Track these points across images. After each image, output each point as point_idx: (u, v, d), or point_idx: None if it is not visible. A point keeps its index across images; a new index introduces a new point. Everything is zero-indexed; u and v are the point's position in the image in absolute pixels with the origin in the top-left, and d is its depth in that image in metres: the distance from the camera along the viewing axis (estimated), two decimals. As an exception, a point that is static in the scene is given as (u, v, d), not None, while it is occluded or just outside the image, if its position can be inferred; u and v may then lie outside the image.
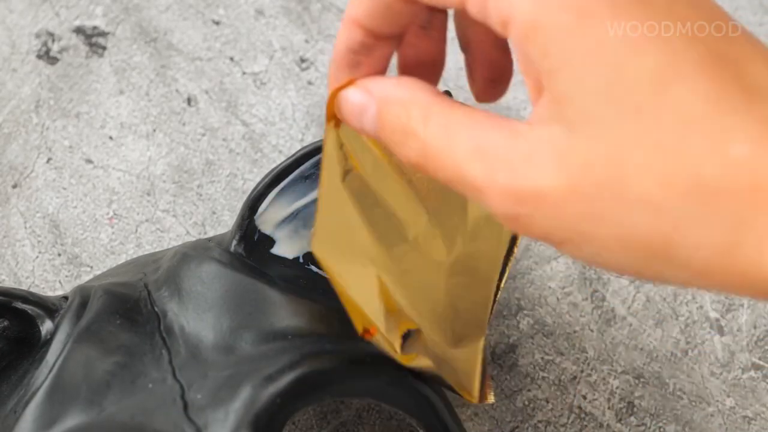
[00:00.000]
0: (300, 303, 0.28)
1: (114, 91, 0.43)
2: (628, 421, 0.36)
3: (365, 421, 0.35)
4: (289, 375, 0.25)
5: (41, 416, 0.25)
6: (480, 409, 0.36)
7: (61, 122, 0.42)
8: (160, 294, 0.29)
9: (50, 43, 0.44)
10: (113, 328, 0.28)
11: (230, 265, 0.29)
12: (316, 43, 0.44)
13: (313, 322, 0.27)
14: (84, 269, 0.39)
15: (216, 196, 0.41)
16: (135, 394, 0.26)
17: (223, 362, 0.26)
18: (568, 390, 0.37)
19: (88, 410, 0.25)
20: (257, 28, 0.45)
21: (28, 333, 0.29)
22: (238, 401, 0.24)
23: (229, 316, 0.27)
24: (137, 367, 0.26)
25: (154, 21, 0.45)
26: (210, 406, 0.24)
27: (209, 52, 0.44)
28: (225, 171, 0.41)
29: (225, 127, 0.42)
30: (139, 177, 0.41)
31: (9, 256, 0.39)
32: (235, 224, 0.30)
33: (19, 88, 0.43)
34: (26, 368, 0.28)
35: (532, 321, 0.38)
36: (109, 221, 0.40)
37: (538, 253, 0.40)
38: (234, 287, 0.28)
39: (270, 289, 0.28)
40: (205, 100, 0.43)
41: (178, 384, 0.26)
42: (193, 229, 0.40)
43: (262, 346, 0.26)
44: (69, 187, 0.41)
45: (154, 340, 0.27)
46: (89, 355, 0.27)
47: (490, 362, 0.37)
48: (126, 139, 0.42)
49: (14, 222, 0.40)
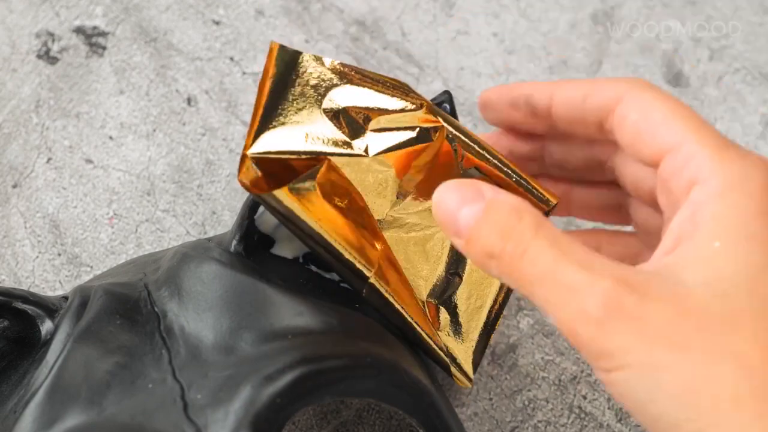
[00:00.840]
0: (300, 303, 0.28)
1: (114, 91, 0.43)
2: (628, 421, 0.36)
3: (365, 421, 0.35)
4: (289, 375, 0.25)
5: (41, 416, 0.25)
6: (480, 409, 0.36)
7: (61, 122, 0.42)
8: (160, 294, 0.29)
9: (50, 43, 0.44)
10: (113, 328, 0.28)
11: (230, 265, 0.29)
12: (316, 43, 0.44)
13: (313, 322, 0.27)
14: (84, 269, 0.39)
15: (216, 196, 0.41)
16: (135, 395, 0.26)
17: (223, 362, 0.26)
18: (568, 390, 0.37)
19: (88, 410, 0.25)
20: (257, 28, 0.45)
21: (28, 333, 0.29)
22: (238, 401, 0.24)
23: (229, 316, 0.27)
24: (137, 367, 0.26)
25: (154, 21, 0.45)
26: (210, 406, 0.24)
27: (209, 52, 0.44)
28: (225, 171, 0.41)
29: (225, 127, 0.42)
30: (139, 177, 0.41)
31: (9, 256, 0.39)
32: (235, 224, 0.30)
33: (19, 88, 0.43)
34: (26, 368, 0.28)
35: (532, 321, 0.38)
36: (109, 221, 0.40)
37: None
38: (234, 287, 0.28)
39: (270, 289, 0.28)
40: (205, 100, 0.43)
41: (178, 384, 0.26)
42: (193, 229, 0.40)
43: (262, 346, 0.26)
44: (69, 187, 0.41)
45: (154, 340, 0.27)
46: (89, 355, 0.27)
47: (489, 360, 0.37)
48: (126, 139, 0.42)
49: (14, 222, 0.40)
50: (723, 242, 0.23)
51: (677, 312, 0.22)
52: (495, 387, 0.37)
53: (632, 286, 0.22)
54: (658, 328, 0.21)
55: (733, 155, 0.24)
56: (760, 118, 0.43)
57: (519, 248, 0.23)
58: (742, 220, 0.23)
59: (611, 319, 0.21)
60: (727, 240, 0.23)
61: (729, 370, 0.21)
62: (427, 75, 0.44)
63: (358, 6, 0.45)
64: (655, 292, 0.22)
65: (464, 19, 0.45)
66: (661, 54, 0.44)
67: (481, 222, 0.24)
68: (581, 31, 0.45)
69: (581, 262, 0.22)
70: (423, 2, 0.45)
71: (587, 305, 0.22)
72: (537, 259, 0.23)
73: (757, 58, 0.44)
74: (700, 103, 0.43)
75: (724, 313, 0.22)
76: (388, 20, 0.45)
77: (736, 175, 0.24)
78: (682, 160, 0.25)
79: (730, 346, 0.21)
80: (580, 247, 0.23)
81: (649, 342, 0.21)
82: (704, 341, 0.21)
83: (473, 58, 0.44)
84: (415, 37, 0.45)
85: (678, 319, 0.21)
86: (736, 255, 0.22)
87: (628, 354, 0.21)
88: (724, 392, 0.21)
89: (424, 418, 0.28)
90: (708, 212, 0.23)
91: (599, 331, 0.22)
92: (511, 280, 0.24)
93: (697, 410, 0.21)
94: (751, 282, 0.22)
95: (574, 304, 0.22)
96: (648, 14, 0.45)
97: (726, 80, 0.44)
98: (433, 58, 0.44)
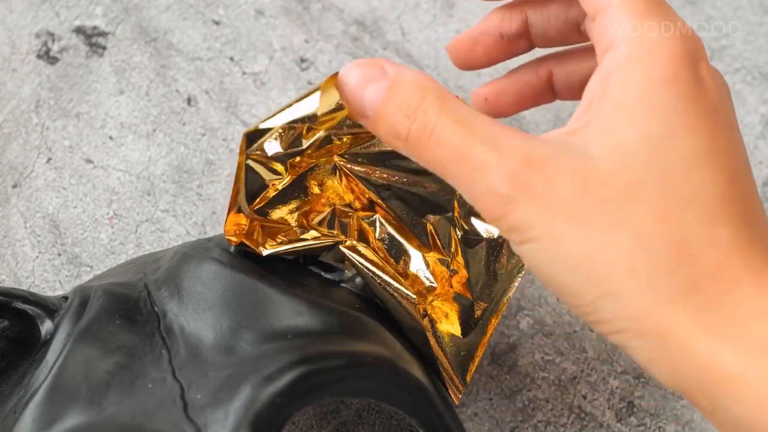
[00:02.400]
0: (300, 303, 0.28)
1: (114, 91, 0.43)
2: (628, 421, 0.36)
3: (365, 421, 0.35)
4: (289, 375, 0.25)
5: (41, 416, 0.25)
6: (480, 409, 0.36)
7: (61, 122, 0.42)
8: (160, 294, 0.29)
9: (50, 43, 0.44)
10: (113, 328, 0.28)
11: (230, 265, 0.29)
12: (316, 43, 0.44)
13: (313, 322, 0.27)
14: (84, 269, 0.39)
15: (216, 196, 0.41)
16: (135, 394, 0.26)
17: (223, 362, 0.26)
18: (568, 390, 0.37)
19: (88, 410, 0.25)
20: (257, 28, 0.45)
21: (28, 333, 0.29)
22: (238, 401, 0.24)
23: (228, 316, 0.27)
24: (137, 367, 0.26)
25: (154, 21, 0.45)
26: (210, 406, 0.24)
27: (209, 52, 0.44)
28: (225, 171, 0.41)
29: (225, 127, 0.42)
30: (139, 177, 0.41)
31: (9, 256, 0.39)
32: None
33: (19, 88, 0.43)
34: (26, 368, 0.28)
35: (532, 321, 0.38)
36: (109, 221, 0.40)
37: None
38: (234, 287, 0.28)
39: (270, 289, 0.28)
40: (205, 100, 0.43)
41: (177, 384, 0.26)
42: (193, 229, 0.40)
43: (262, 346, 0.26)
44: (69, 187, 0.41)
45: (153, 340, 0.27)
46: (89, 355, 0.27)
47: (489, 360, 0.37)
48: (126, 139, 0.42)
49: (14, 222, 0.40)
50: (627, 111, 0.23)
51: (579, 185, 0.22)
52: (495, 387, 0.37)
53: (538, 162, 0.23)
54: (560, 202, 0.22)
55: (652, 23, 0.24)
56: (760, 118, 0.43)
57: (426, 129, 0.23)
58: (646, 88, 0.23)
59: (518, 196, 0.22)
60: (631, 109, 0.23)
61: (624, 241, 0.22)
62: (427, 75, 0.44)
63: (358, 6, 0.45)
64: (560, 166, 0.23)
65: (464, 19, 0.45)
66: (661, 54, 0.44)
67: (385, 101, 0.24)
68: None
69: (488, 140, 0.23)
70: (423, 2, 0.45)
71: (495, 184, 0.23)
72: (444, 139, 0.23)
73: (757, 58, 0.44)
74: (700, 103, 0.43)
75: (622, 184, 0.22)
76: (388, 20, 0.45)
77: (646, 42, 0.24)
78: (606, 22, 0.25)
79: (626, 216, 0.22)
80: (486, 122, 0.23)
81: (551, 216, 0.22)
82: (603, 213, 0.22)
83: (473, 58, 0.44)
84: (415, 37, 0.45)
85: (579, 192, 0.22)
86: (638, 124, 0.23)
87: (533, 228, 0.22)
88: (619, 262, 0.22)
89: (424, 418, 0.28)
90: (616, 79, 0.24)
91: (507, 208, 0.23)
92: (422, 161, 0.24)
93: (596, 280, 0.22)
94: (651, 152, 0.23)
95: (484, 183, 0.23)
96: (648, 14, 0.45)
97: (726, 80, 0.44)
98: (433, 58, 0.44)
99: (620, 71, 0.24)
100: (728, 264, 0.22)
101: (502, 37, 0.33)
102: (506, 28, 0.32)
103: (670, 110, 0.23)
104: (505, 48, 0.33)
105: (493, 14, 0.33)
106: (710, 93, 0.24)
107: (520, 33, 0.32)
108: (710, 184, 0.22)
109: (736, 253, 0.22)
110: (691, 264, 0.22)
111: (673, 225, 0.22)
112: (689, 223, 0.22)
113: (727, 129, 0.23)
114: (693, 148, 0.23)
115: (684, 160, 0.22)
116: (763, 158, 0.42)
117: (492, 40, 0.33)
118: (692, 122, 0.23)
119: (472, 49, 0.33)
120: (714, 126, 0.23)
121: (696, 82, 0.23)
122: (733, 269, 0.22)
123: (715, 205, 0.22)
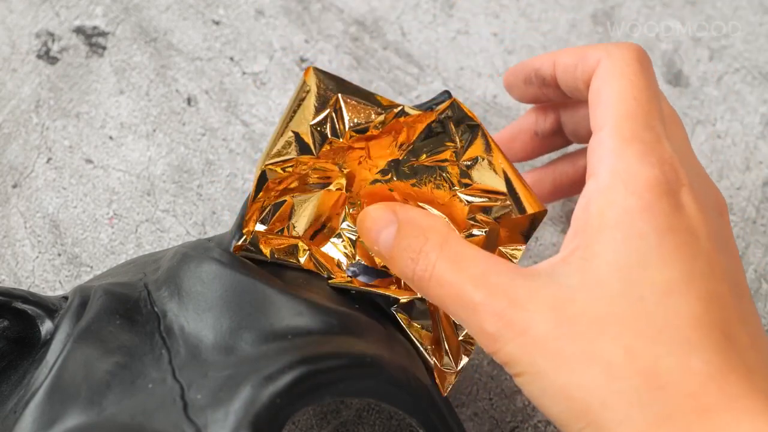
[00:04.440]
0: (300, 303, 0.28)
1: (114, 91, 0.43)
2: (628, 421, 0.36)
3: (365, 421, 0.35)
4: (289, 375, 0.25)
5: (41, 416, 0.25)
6: (480, 409, 0.36)
7: (61, 122, 0.42)
8: (160, 294, 0.29)
9: (50, 43, 0.44)
10: (113, 328, 0.28)
11: (230, 265, 0.29)
12: (316, 43, 0.44)
13: (313, 322, 0.27)
14: (84, 269, 0.39)
15: (216, 196, 0.41)
16: (135, 395, 0.26)
17: (223, 362, 0.26)
18: (568, 390, 0.37)
19: (88, 410, 0.25)
20: (257, 28, 0.45)
21: (28, 333, 0.29)
22: (238, 401, 0.24)
23: (228, 316, 0.27)
24: (137, 367, 0.26)
25: (154, 21, 0.45)
26: (210, 406, 0.24)
27: (209, 52, 0.44)
28: (225, 171, 0.41)
29: (225, 127, 0.42)
30: (139, 177, 0.41)
31: (9, 256, 0.39)
32: (235, 224, 0.30)
33: (19, 88, 0.43)
34: (26, 368, 0.28)
35: (532, 321, 0.38)
36: (109, 221, 0.40)
37: (538, 253, 0.40)
38: (234, 287, 0.28)
39: (270, 289, 0.28)
40: (205, 100, 0.43)
41: (177, 384, 0.26)
42: (193, 229, 0.40)
43: (262, 346, 0.26)
44: (69, 187, 0.41)
45: (153, 340, 0.27)
46: (89, 355, 0.27)
47: (489, 360, 0.37)
48: (126, 139, 0.42)
49: (14, 222, 0.40)
50: (603, 240, 0.24)
51: (556, 321, 0.23)
52: (495, 387, 0.37)
53: (521, 301, 0.24)
54: (539, 338, 0.23)
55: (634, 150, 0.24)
56: (760, 118, 0.43)
57: (426, 270, 0.25)
58: (622, 217, 0.24)
59: (504, 335, 0.24)
60: (608, 238, 0.24)
61: (596, 374, 0.22)
62: (426, 75, 0.44)
63: (358, 6, 0.45)
64: (540, 302, 0.24)
65: (464, 18, 0.45)
66: (660, 54, 0.44)
67: (395, 246, 0.26)
68: (581, 31, 0.45)
69: (478, 279, 0.24)
70: (423, 2, 0.45)
71: (484, 324, 0.24)
72: (441, 279, 0.25)
73: (757, 57, 0.44)
74: (700, 102, 0.43)
75: (594, 317, 0.23)
76: (387, 20, 0.45)
77: (624, 171, 0.24)
78: (595, 144, 0.26)
79: (596, 350, 0.23)
80: (480, 260, 0.25)
81: (532, 352, 0.23)
82: (576, 348, 0.23)
83: (473, 58, 0.44)
84: (415, 37, 0.45)
85: (556, 328, 0.23)
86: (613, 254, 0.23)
87: (519, 364, 0.24)
88: (594, 396, 0.22)
89: (424, 418, 0.28)
90: (595, 207, 0.24)
91: (496, 345, 0.24)
92: (428, 298, 0.26)
93: (577, 412, 0.23)
94: (624, 282, 0.23)
95: (475, 322, 0.24)
96: (648, 14, 0.45)
97: (726, 80, 0.44)
98: (432, 58, 0.44)
99: (599, 199, 0.24)
100: (701, 392, 0.22)
101: (536, 134, 0.35)
102: (540, 127, 0.35)
103: (643, 239, 0.23)
104: (541, 144, 0.35)
105: (529, 113, 0.35)
106: (691, 219, 0.24)
107: (554, 131, 0.35)
108: (684, 311, 0.22)
109: (710, 381, 0.22)
110: (662, 395, 0.22)
111: (642, 357, 0.22)
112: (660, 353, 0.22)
113: (706, 254, 0.24)
114: (667, 276, 0.23)
115: (657, 288, 0.23)
116: (763, 158, 0.42)
117: (528, 137, 0.35)
118: (666, 251, 0.23)
119: (511, 145, 0.35)
120: (691, 253, 0.23)
121: (673, 209, 0.24)
122: (707, 397, 0.22)
123: (689, 332, 0.22)
